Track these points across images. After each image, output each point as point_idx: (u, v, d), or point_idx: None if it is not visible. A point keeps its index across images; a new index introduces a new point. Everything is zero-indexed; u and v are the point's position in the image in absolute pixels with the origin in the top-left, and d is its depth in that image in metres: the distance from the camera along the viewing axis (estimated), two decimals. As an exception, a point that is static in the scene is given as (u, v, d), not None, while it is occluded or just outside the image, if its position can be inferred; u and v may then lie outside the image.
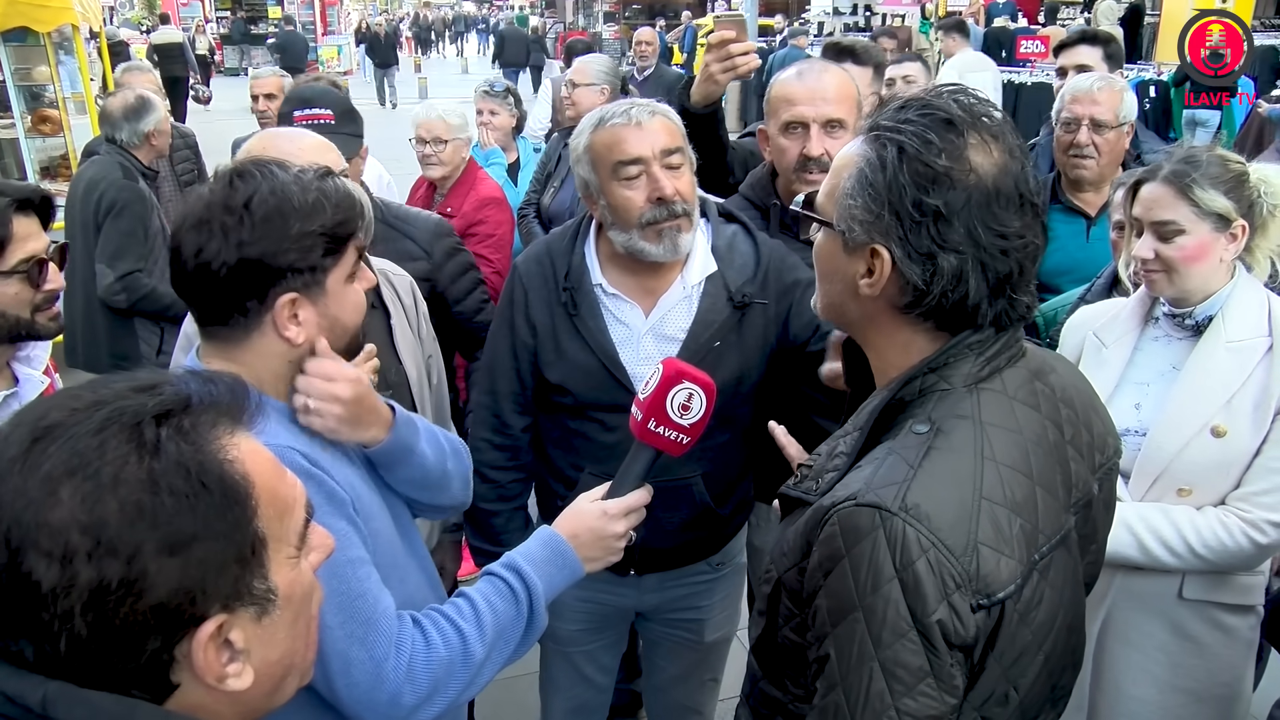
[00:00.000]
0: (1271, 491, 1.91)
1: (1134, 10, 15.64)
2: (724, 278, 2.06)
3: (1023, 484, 1.13)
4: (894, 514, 1.05)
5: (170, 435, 0.81)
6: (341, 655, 1.30)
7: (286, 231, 1.29)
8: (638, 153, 1.92)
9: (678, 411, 1.50)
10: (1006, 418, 1.15)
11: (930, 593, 1.03)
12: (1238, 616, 2.03)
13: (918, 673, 1.04)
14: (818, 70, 2.24)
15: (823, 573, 1.09)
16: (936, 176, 1.10)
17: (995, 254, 1.12)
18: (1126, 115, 2.89)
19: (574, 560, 1.50)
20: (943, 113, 1.13)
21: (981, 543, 1.07)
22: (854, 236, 1.17)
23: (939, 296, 1.13)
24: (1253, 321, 1.96)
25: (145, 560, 0.77)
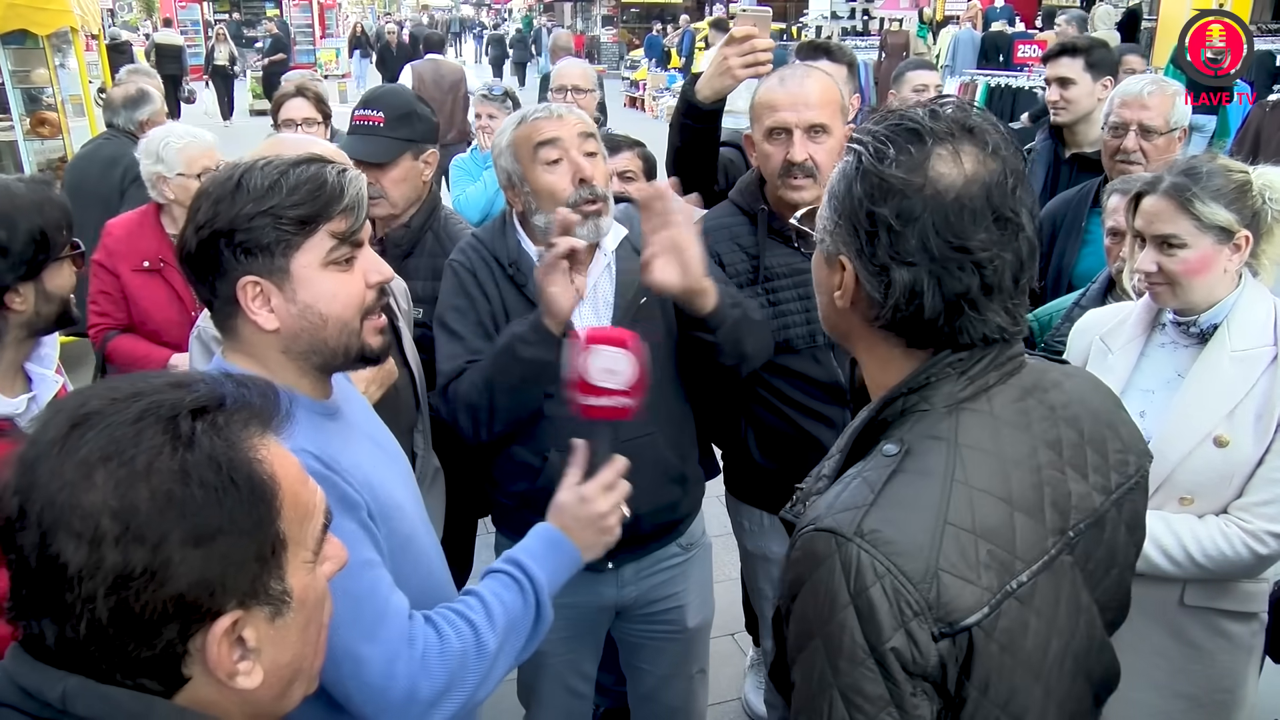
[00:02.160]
0: (1273, 502, 1.91)
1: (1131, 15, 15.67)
2: (631, 241, 2.15)
3: (996, 508, 1.09)
4: (849, 539, 1.03)
5: (205, 430, 0.83)
6: (352, 654, 1.30)
7: (236, 212, 1.31)
8: (557, 134, 2.05)
9: (604, 376, 1.52)
10: (986, 439, 1.12)
11: (885, 620, 1.01)
12: (1239, 623, 2.04)
13: (878, 701, 1.02)
14: (800, 76, 2.25)
15: (790, 597, 1.09)
16: (888, 188, 1.08)
17: (952, 268, 1.07)
18: (1178, 121, 2.83)
19: (570, 548, 1.54)
20: (911, 123, 1.10)
21: (943, 569, 1.03)
22: (826, 248, 1.17)
23: (892, 310, 1.10)
24: (1258, 330, 1.96)
25: (170, 549, 0.79)
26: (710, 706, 3.30)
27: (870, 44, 14.49)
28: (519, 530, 2.24)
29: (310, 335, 1.37)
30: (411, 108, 2.64)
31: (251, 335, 1.37)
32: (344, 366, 1.46)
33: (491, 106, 4.56)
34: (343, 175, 1.38)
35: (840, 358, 2.34)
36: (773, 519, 2.52)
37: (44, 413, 0.86)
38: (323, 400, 1.45)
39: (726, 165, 2.76)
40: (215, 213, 1.32)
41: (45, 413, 0.85)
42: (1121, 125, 2.84)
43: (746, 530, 2.61)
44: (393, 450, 1.62)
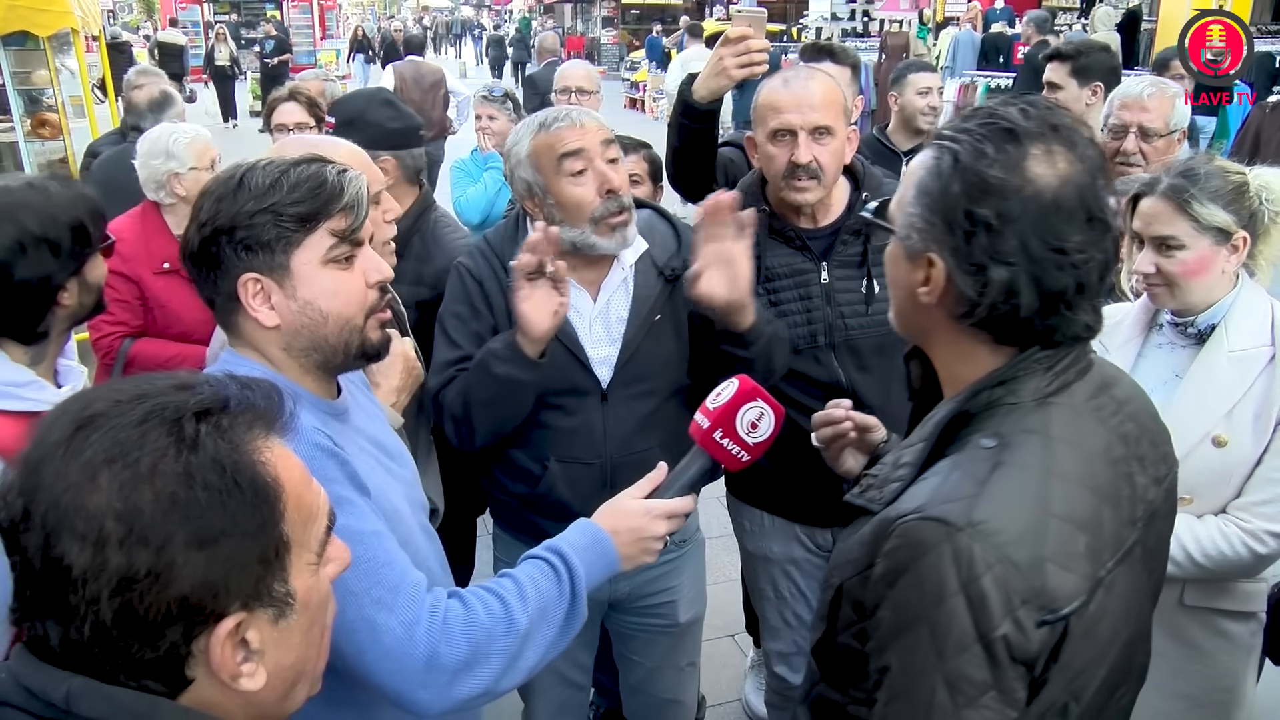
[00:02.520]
0: (1271, 502, 1.92)
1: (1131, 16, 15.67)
2: (651, 256, 2.16)
3: (1088, 500, 1.12)
4: (960, 529, 1.05)
5: (209, 432, 0.83)
6: (369, 621, 1.28)
7: (237, 210, 1.33)
8: (581, 144, 2.01)
9: (746, 428, 1.52)
10: (1074, 433, 1.15)
11: (995, 608, 1.04)
12: (1238, 623, 2.04)
13: (981, 686, 1.05)
14: (804, 77, 2.25)
15: (886, 584, 1.10)
16: (988, 187, 1.10)
17: (1049, 268, 1.10)
18: (1178, 123, 2.82)
19: (612, 552, 1.49)
20: (1005, 122, 1.12)
21: (1048, 559, 1.07)
22: (911, 245, 1.18)
23: (989, 308, 1.13)
24: (1255, 331, 1.97)
25: (174, 552, 0.79)
26: (711, 707, 3.31)
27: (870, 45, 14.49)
28: (518, 527, 2.28)
29: (310, 332, 1.38)
30: (358, 114, 2.63)
31: (253, 332, 1.38)
32: (345, 365, 1.45)
33: (491, 108, 4.56)
34: (343, 175, 1.39)
35: (841, 358, 2.35)
36: (773, 519, 2.53)
37: (49, 414, 0.86)
38: (329, 400, 1.45)
39: (726, 165, 2.76)
40: (217, 210, 1.34)
41: (50, 414, 0.86)
42: (1121, 127, 2.84)
43: (747, 531, 2.61)
44: (400, 456, 1.61)
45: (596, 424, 2.12)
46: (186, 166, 3.07)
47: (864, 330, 2.33)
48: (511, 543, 2.33)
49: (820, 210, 2.31)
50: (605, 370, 2.12)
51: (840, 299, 2.32)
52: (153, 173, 3.10)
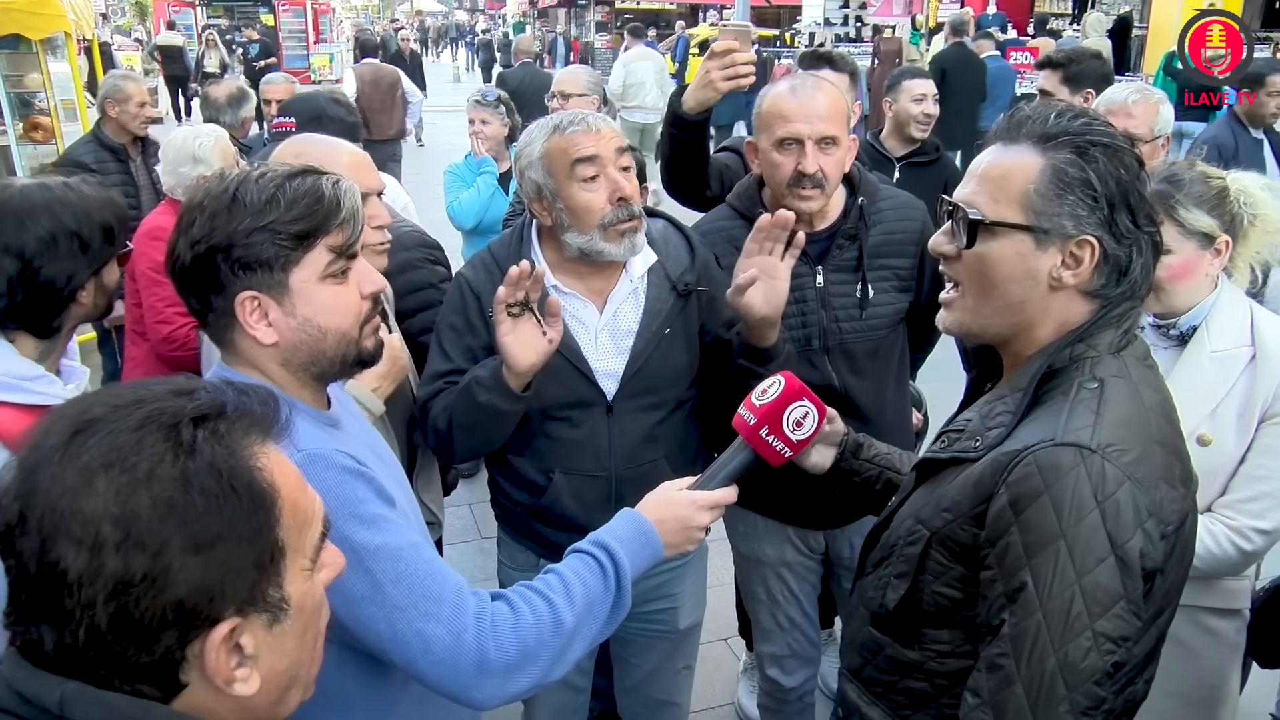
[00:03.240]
0: (1256, 499, 1.94)
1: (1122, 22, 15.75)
2: (664, 268, 2.16)
3: (1172, 433, 1.28)
4: (1094, 451, 1.18)
5: (206, 438, 0.84)
6: (419, 634, 1.31)
7: (233, 227, 1.30)
8: (596, 150, 2.00)
9: (792, 426, 1.56)
10: (1147, 379, 1.31)
11: (1129, 521, 1.16)
12: (1224, 620, 2.07)
13: (1114, 595, 1.15)
14: (811, 87, 2.26)
15: (1015, 511, 1.19)
16: (1134, 166, 1.27)
17: (1157, 230, 1.31)
18: (1162, 128, 2.84)
19: (657, 542, 1.52)
20: (1097, 116, 1.32)
21: (1160, 478, 1.21)
22: (1061, 231, 1.27)
23: (1139, 271, 1.29)
24: (1235, 331, 2.00)
25: (170, 556, 0.79)
26: (703, 711, 3.32)
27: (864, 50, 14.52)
28: (523, 534, 2.28)
29: (310, 347, 1.38)
30: (320, 112, 2.70)
31: (250, 349, 1.37)
32: (340, 374, 1.46)
33: (484, 112, 4.54)
34: (338, 186, 1.37)
35: (835, 362, 2.36)
36: (766, 521, 2.54)
37: (46, 418, 0.86)
38: (325, 412, 1.45)
39: (722, 171, 2.78)
40: (212, 227, 1.31)
41: (47, 418, 0.86)
42: None
43: (740, 533, 2.62)
44: (390, 460, 1.62)
45: (601, 436, 2.11)
46: (214, 169, 3.12)
47: (858, 334, 2.34)
48: (516, 548, 2.33)
49: (817, 215, 2.33)
50: (611, 383, 2.11)
51: (835, 303, 2.33)
52: (181, 179, 3.16)
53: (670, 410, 2.19)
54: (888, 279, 2.34)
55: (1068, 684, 1.14)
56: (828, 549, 2.57)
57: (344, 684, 1.38)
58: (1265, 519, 1.94)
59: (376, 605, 1.30)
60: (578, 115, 2.07)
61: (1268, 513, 1.94)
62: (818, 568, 2.61)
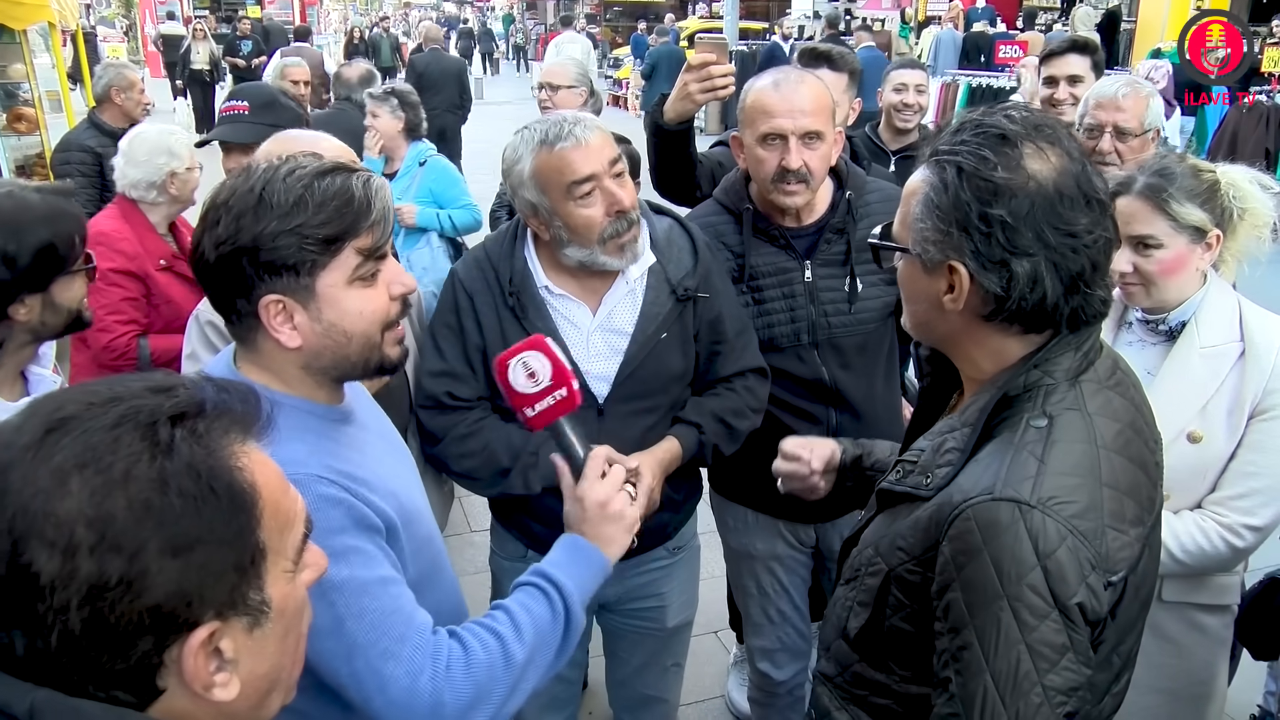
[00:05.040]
0: (1246, 495, 1.94)
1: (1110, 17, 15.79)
2: (665, 271, 2.12)
3: (1129, 469, 1.22)
4: (1033, 507, 1.13)
5: (184, 437, 0.81)
6: (376, 673, 1.29)
7: (260, 230, 1.26)
8: (590, 170, 1.95)
9: (528, 383, 1.52)
10: (1106, 407, 1.24)
11: (1072, 577, 1.13)
12: (1213, 616, 2.07)
13: (1060, 650, 1.13)
14: (794, 81, 2.24)
15: (957, 566, 1.16)
16: (997, 189, 1.18)
17: (1066, 253, 1.18)
18: (1152, 121, 2.83)
19: (591, 551, 1.50)
20: (995, 129, 1.21)
21: (1109, 526, 1.16)
22: (930, 257, 1.24)
23: (1018, 300, 1.20)
24: (1224, 327, 1.99)
25: (147, 559, 0.77)
26: (693, 704, 3.32)
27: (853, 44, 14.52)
28: (514, 526, 2.27)
29: (334, 352, 1.35)
30: (274, 98, 2.77)
31: (272, 351, 1.34)
32: (362, 377, 1.44)
33: (373, 105, 4.38)
34: (369, 186, 1.33)
35: (824, 356, 2.35)
36: (756, 515, 2.53)
37: (18, 416, 0.83)
38: (337, 405, 1.43)
39: (714, 168, 2.77)
40: (238, 228, 1.26)
41: (19, 416, 0.83)
42: (1096, 127, 2.84)
43: (730, 528, 2.61)
44: (399, 446, 1.61)
45: (590, 438, 2.08)
46: (184, 165, 3.09)
47: (847, 328, 2.34)
48: (506, 537, 2.33)
49: (804, 209, 2.31)
50: (602, 385, 2.09)
51: (823, 297, 2.33)
52: (150, 171, 3.09)
53: (663, 414, 2.16)
54: (876, 272, 2.33)
55: None
56: (818, 542, 2.57)
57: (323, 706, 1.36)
58: (1256, 515, 1.93)
59: (336, 640, 1.27)
60: (565, 128, 1.97)
61: (1258, 509, 1.93)
62: (808, 561, 2.60)
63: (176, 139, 3.14)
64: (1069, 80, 3.43)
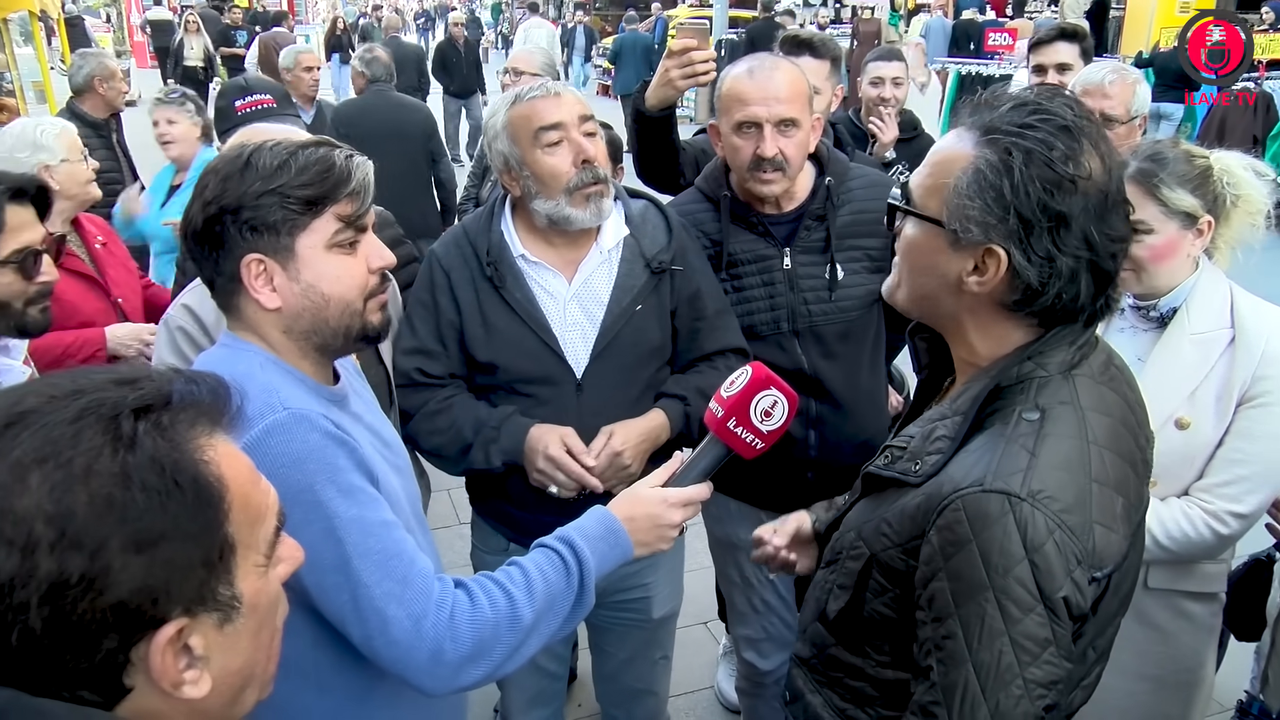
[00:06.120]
0: (1233, 483, 1.93)
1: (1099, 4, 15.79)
2: (639, 245, 2.15)
3: (1119, 465, 1.21)
4: (1022, 499, 1.13)
5: (148, 430, 0.79)
6: (379, 613, 1.31)
7: (244, 190, 1.33)
8: (558, 118, 2.02)
9: (760, 416, 1.52)
10: (1099, 401, 1.23)
11: (1058, 571, 1.12)
12: (1200, 604, 2.07)
13: (1043, 643, 1.13)
14: (769, 68, 2.23)
15: (944, 557, 1.16)
16: (1061, 183, 1.15)
17: (1106, 257, 1.17)
18: (1139, 109, 2.82)
19: (626, 541, 1.51)
20: (1059, 118, 1.17)
21: (1096, 522, 1.16)
22: (970, 236, 1.19)
23: (1053, 297, 1.18)
24: (1215, 313, 1.98)
25: (110, 556, 0.76)
26: (683, 695, 3.33)
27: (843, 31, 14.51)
28: (493, 516, 2.26)
29: (312, 315, 1.39)
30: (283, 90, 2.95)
31: (254, 314, 1.39)
32: (345, 348, 1.46)
33: (170, 111, 4.03)
34: (350, 159, 1.39)
35: (805, 344, 2.33)
36: (739, 505, 2.52)
37: None
38: (329, 386, 1.46)
39: (698, 156, 2.76)
40: (223, 189, 1.33)
41: None
42: None
43: (714, 517, 2.61)
44: (394, 444, 1.62)
45: (570, 414, 2.09)
46: (58, 158, 2.98)
47: (827, 316, 2.32)
48: (487, 531, 2.32)
49: (784, 197, 2.30)
50: (581, 358, 2.10)
51: (803, 285, 2.31)
52: (18, 166, 2.94)
53: (642, 389, 2.17)
54: (859, 259, 2.32)
55: None
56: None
57: (320, 664, 1.38)
58: (1242, 503, 1.93)
59: (343, 575, 1.30)
60: (539, 83, 2.09)
61: (1244, 496, 1.93)
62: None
63: (47, 132, 3.01)
64: (1058, 68, 3.42)
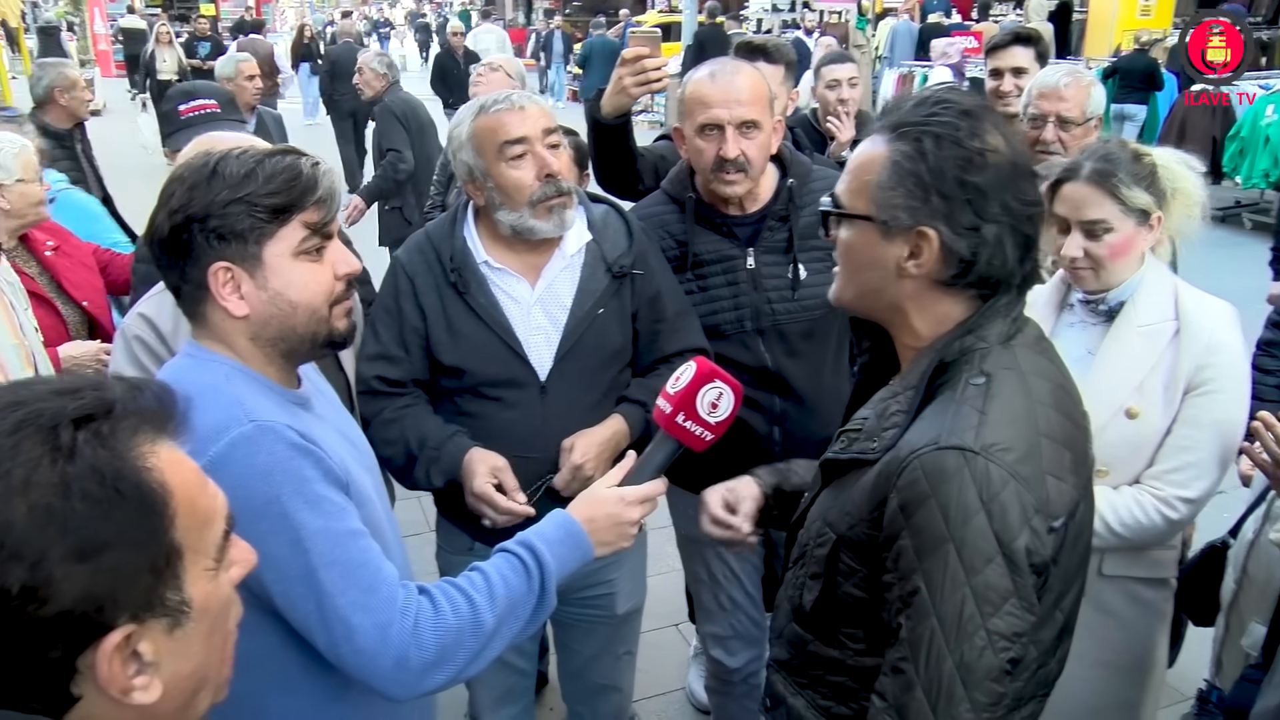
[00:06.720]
0: (1182, 469, 1.99)
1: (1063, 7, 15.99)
2: (601, 249, 2.17)
3: (1063, 422, 1.27)
4: (976, 453, 1.18)
5: (88, 440, 0.79)
6: (344, 622, 1.33)
7: (211, 198, 1.33)
8: (522, 132, 2.03)
9: (707, 409, 1.56)
10: (1037, 367, 1.30)
11: (1014, 520, 1.16)
12: (1153, 590, 2.12)
13: (1005, 594, 1.16)
14: (730, 71, 2.26)
15: (906, 515, 1.20)
16: (972, 157, 1.23)
17: (1023, 220, 1.26)
18: (1094, 110, 2.87)
19: (586, 542, 1.53)
20: (959, 104, 1.27)
21: (1048, 472, 1.21)
22: (899, 223, 1.27)
23: (985, 263, 1.25)
24: (1160, 306, 2.04)
25: (51, 566, 0.75)
26: (655, 697, 3.33)
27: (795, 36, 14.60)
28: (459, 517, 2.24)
29: (280, 322, 1.39)
30: (228, 94, 2.86)
31: (221, 321, 1.39)
32: (311, 354, 1.47)
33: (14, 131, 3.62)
34: (316, 167, 1.40)
35: (769, 343, 2.36)
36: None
37: None
38: (293, 390, 1.47)
39: (657, 162, 2.79)
40: (190, 198, 1.34)
41: None
42: (1040, 117, 2.87)
43: (681, 513, 2.61)
44: (362, 446, 1.63)
45: (534, 417, 2.11)
46: (14, 178, 2.92)
47: (791, 315, 2.35)
48: (452, 531, 2.32)
49: (748, 198, 2.33)
50: (545, 361, 2.11)
51: (767, 284, 2.34)
52: None
53: (605, 391, 2.19)
54: (822, 259, 2.35)
55: (965, 684, 1.16)
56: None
57: (288, 665, 1.39)
58: (1190, 488, 1.98)
59: (309, 585, 1.32)
60: (503, 94, 2.09)
61: (1192, 482, 1.98)
62: (760, 548, 2.61)
63: (7, 152, 2.94)
64: (1013, 72, 3.47)
